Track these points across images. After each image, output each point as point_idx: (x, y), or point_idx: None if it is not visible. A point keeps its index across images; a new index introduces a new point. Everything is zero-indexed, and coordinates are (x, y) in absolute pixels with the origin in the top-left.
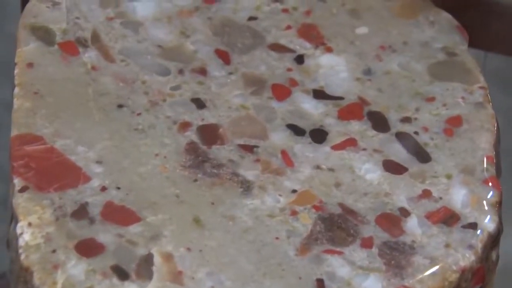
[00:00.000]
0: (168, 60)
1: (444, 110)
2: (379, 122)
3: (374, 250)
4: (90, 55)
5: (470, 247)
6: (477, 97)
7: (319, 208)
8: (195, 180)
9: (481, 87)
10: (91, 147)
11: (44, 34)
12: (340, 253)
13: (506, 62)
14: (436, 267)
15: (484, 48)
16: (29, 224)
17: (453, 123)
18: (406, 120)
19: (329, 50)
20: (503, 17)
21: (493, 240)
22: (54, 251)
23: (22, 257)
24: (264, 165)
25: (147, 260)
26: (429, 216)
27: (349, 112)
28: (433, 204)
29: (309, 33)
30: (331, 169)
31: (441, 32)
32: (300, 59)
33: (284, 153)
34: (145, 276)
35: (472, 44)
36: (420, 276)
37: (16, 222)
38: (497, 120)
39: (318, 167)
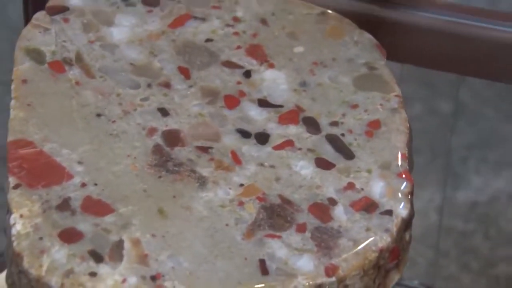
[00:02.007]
0: (139, 76)
1: (365, 115)
2: (312, 126)
3: (307, 234)
4: (74, 73)
5: (387, 230)
6: (393, 104)
7: (262, 199)
8: (160, 177)
9: (396, 95)
10: (74, 150)
11: (36, 55)
12: (279, 237)
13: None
14: (359, 248)
15: (399, 61)
16: (21, 216)
17: (373, 126)
18: (334, 124)
19: (271, 66)
20: (413, 34)
21: (406, 224)
22: (41, 238)
23: (14, 244)
24: (217, 163)
25: (119, 245)
26: (353, 204)
27: (287, 118)
28: (356, 194)
29: (255, 52)
30: (272, 166)
31: (364, 50)
32: (247, 74)
33: (233, 153)
34: (116, 258)
35: (389, 57)
36: (345, 255)
37: (10, 214)
38: (409, 122)
39: (261, 165)
